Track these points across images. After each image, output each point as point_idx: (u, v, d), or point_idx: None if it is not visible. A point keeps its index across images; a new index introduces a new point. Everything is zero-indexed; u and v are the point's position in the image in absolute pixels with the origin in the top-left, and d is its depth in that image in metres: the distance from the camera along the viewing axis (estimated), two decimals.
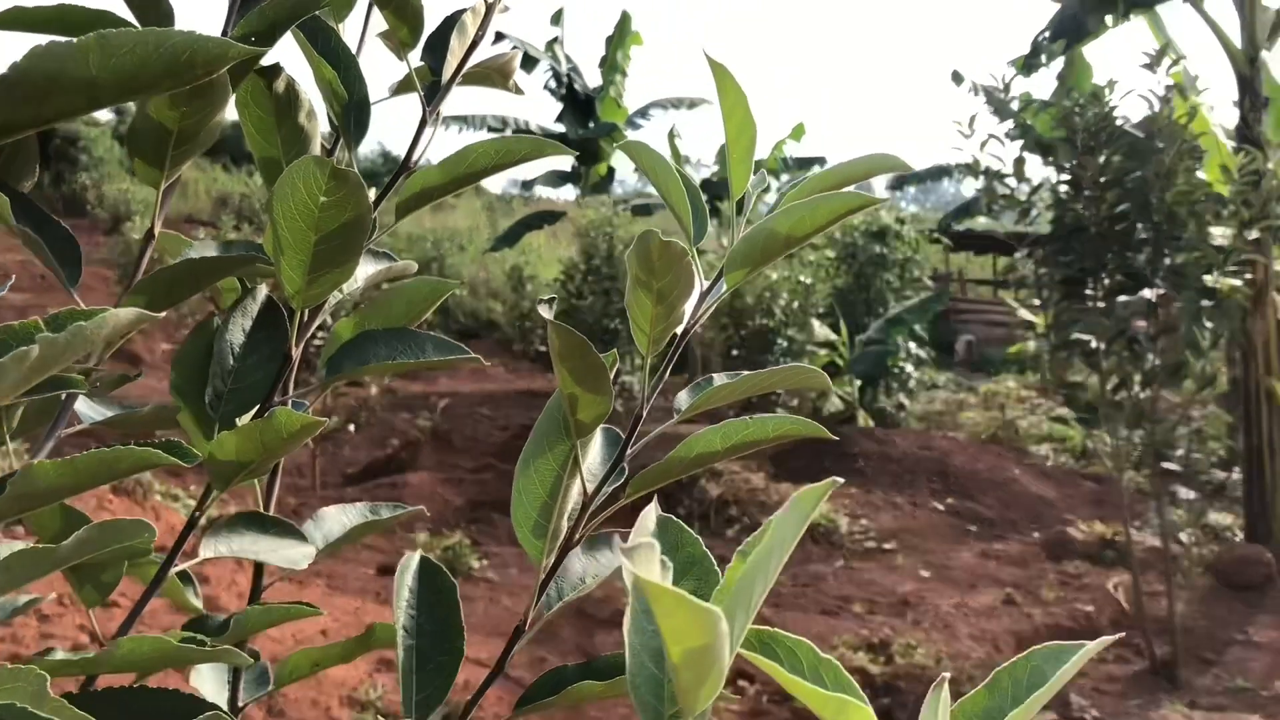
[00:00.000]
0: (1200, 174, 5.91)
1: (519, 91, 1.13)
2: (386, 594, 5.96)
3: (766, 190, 0.83)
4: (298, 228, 0.80)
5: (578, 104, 20.60)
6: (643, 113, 20.95)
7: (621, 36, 20.16)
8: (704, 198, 0.81)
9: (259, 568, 0.94)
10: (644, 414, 0.77)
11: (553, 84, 20.52)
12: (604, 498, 0.80)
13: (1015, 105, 8.98)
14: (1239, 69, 7.96)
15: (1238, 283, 5.78)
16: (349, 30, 1.01)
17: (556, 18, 20.51)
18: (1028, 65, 8.95)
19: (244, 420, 0.89)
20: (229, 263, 0.83)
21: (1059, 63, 9.26)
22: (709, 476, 8.60)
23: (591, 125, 20.53)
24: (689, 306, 0.74)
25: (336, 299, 0.99)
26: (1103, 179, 5.80)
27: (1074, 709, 5.22)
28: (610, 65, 20.32)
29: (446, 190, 0.89)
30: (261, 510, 0.94)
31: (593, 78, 20.84)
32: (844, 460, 10.00)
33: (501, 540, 7.81)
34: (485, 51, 1.08)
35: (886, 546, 8.19)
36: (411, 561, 0.90)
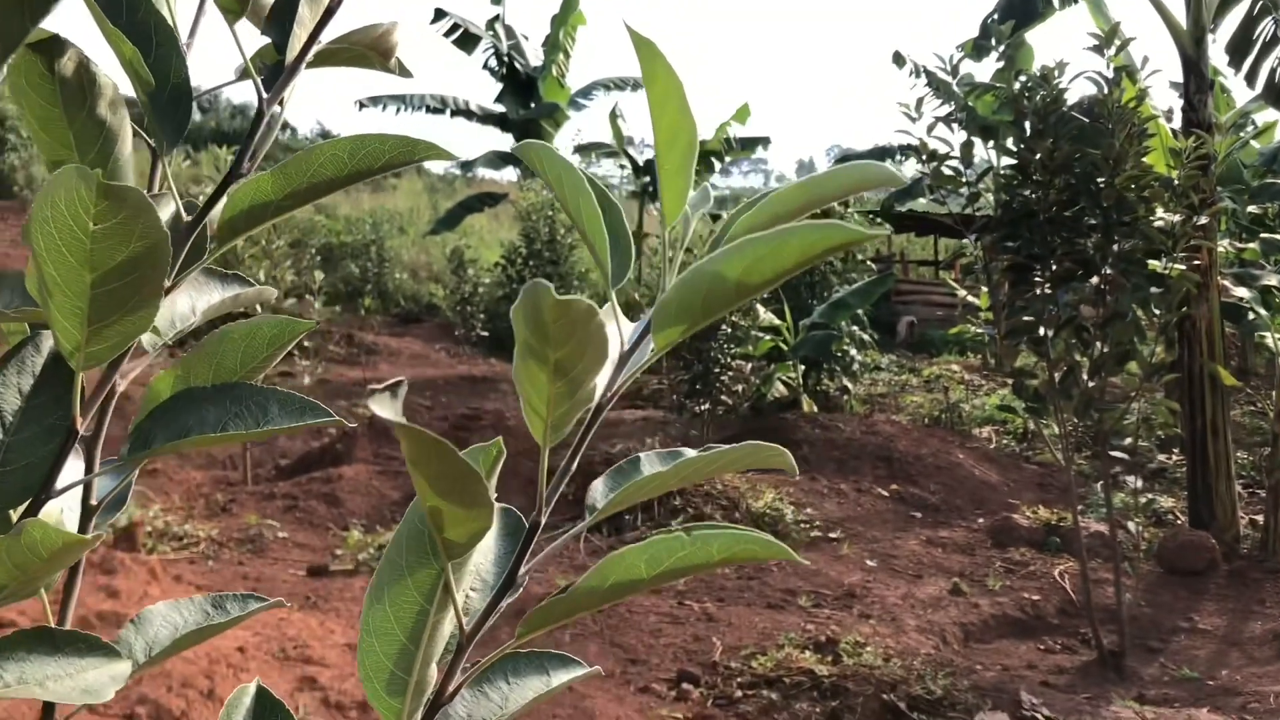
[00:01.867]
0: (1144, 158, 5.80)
1: (405, 73, 0.92)
2: (316, 598, 5.69)
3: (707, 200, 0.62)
4: (66, 264, 0.58)
5: (519, 84, 20.24)
6: (585, 93, 20.66)
7: (566, 15, 19.82)
8: (627, 218, 0.60)
9: (49, 706, 0.72)
10: (541, 522, 0.56)
11: (493, 63, 20.14)
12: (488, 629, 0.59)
13: (956, 87, 8.86)
14: (1184, 50, 7.87)
15: (1186, 268, 5.68)
16: None
17: None
18: (977, 48, 8.81)
19: (17, 513, 0.68)
20: None
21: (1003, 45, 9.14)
22: None
23: (533, 105, 20.20)
24: (603, 378, 0.53)
25: (159, 344, 0.77)
26: (1052, 163, 5.66)
27: (1025, 706, 5.11)
28: (553, 45, 19.98)
29: (284, 208, 0.67)
30: (52, 624, 0.72)
31: (535, 57, 20.49)
32: (788, 447, 9.62)
33: None
34: (363, 21, 0.87)
35: (832, 535, 8.06)
36: (243, 698, 0.69)
